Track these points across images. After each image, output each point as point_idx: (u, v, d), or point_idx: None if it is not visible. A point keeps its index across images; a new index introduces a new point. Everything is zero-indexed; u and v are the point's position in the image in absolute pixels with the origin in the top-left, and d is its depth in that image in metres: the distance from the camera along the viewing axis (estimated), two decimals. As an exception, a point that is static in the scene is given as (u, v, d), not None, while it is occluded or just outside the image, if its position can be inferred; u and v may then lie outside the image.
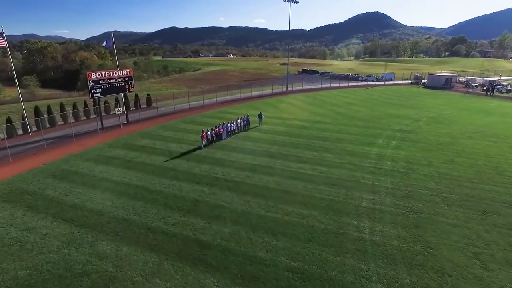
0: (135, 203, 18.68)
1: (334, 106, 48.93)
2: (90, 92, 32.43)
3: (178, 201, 18.96)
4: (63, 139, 31.47)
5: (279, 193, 19.98)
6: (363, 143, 30.17)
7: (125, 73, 35.91)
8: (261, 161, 25.42)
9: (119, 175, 22.57)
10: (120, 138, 31.67)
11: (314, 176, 22.58)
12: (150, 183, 21.39)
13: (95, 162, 25.17)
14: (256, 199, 19.25)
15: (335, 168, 24.17)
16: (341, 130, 34.70)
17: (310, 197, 19.57)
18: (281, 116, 41.72)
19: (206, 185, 21.04)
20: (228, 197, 19.43)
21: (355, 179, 22.20)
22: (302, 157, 26.43)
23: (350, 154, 27.25)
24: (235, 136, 32.18)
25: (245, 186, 20.97)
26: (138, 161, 25.29)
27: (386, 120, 39.78)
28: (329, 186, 21.04)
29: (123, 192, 20.00)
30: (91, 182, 21.46)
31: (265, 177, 22.29)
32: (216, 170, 23.56)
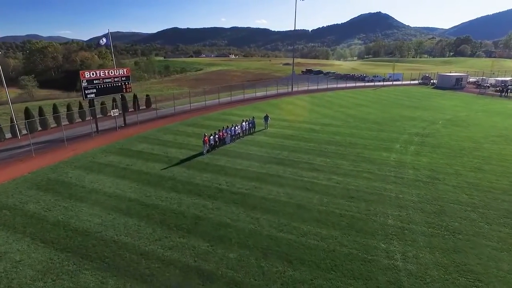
0: (127, 220, 16.25)
1: (343, 108, 46.40)
2: (83, 93, 30.05)
3: (177, 218, 16.53)
4: (54, 144, 29.11)
5: (292, 208, 17.51)
6: (380, 148, 27.66)
7: (122, 73, 33.55)
8: (270, 169, 22.96)
9: (111, 186, 20.16)
10: (116, 142, 29.29)
11: (330, 187, 20.11)
12: (145, 195, 18.96)
13: (86, 170, 22.77)
14: (266, 215, 16.80)
15: (351, 177, 21.70)
16: (354, 134, 32.19)
17: (327, 213, 17.09)
18: (288, 118, 39.25)
19: (208, 198, 18.60)
20: (233, 213, 16.98)
21: (376, 191, 19.71)
22: (314, 164, 23.96)
23: (367, 161, 24.76)
24: (240, 141, 29.74)
25: (252, 199, 18.52)
26: (134, 169, 22.89)
27: (401, 123, 37.23)
28: (347, 200, 18.55)
29: (115, 207, 17.58)
30: (79, 194, 19.05)
31: (275, 189, 19.83)
32: (219, 180, 21.11)
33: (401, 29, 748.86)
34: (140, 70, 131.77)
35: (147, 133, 32.37)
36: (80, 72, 29.87)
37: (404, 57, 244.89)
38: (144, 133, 32.37)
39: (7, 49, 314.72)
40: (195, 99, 50.06)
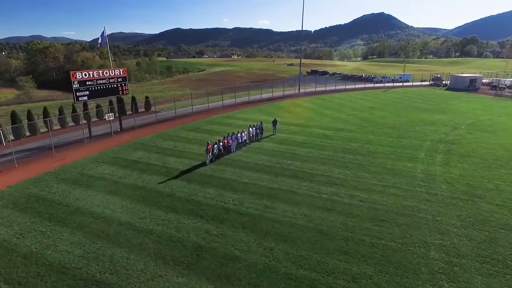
0: (115, 251, 13.42)
1: (355, 111, 43.45)
2: (74, 95, 27.27)
3: (174, 248, 13.68)
4: (41, 151, 26.39)
5: (312, 235, 14.63)
6: (403, 158, 24.73)
7: (118, 73, 30.76)
8: (282, 183, 20.08)
9: (99, 204, 17.35)
10: (110, 149, 26.52)
11: (354, 207, 17.22)
12: (138, 216, 16.14)
13: (73, 184, 19.98)
14: (282, 244, 13.93)
15: (377, 193, 18.80)
16: (372, 141, 29.25)
17: (355, 241, 14.20)
18: (297, 122, 36.36)
19: (212, 221, 15.75)
20: (242, 242, 14.12)
21: (409, 211, 16.81)
22: (332, 177, 21.07)
23: (391, 172, 21.85)
24: (247, 149, 26.90)
25: (264, 222, 15.66)
26: (127, 183, 20.08)
27: (420, 128, 34.24)
28: (377, 223, 15.66)
29: (101, 232, 14.77)
30: (61, 215, 16.25)
31: (289, 208, 16.96)
32: (225, 196, 18.26)
33: (404, 30, 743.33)
34: (142, 70, 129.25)
35: (144, 139, 29.58)
36: (71, 73, 27.10)
37: (409, 57, 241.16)
38: (141, 139, 29.59)
39: (10, 49, 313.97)
40: (198, 101, 47.34)
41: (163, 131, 32.23)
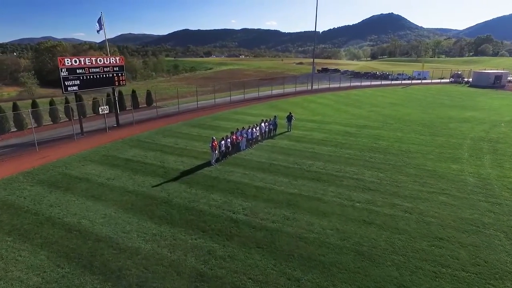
0: (83, 281, 9.87)
1: (376, 107, 39.48)
2: (63, 85, 23.95)
3: (165, 277, 10.06)
4: (23, 148, 23.10)
5: (350, 259, 10.90)
6: (444, 158, 20.81)
7: (114, 61, 27.44)
8: (303, 187, 16.37)
9: (77, 213, 13.86)
10: (101, 147, 23.12)
11: (398, 219, 13.42)
12: (123, 230, 12.58)
13: (50, 186, 16.55)
14: (311, 273, 10.23)
15: (423, 202, 14.97)
16: (402, 139, 25.33)
17: (411, 269, 10.42)
18: (314, 118, 32.61)
19: (218, 237, 12.11)
20: (258, 267, 10.46)
21: (472, 227, 12.94)
22: (363, 180, 17.29)
23: (434, 176, 17.98)
24: (259, 146, 23.26)
25: (285, 239, 11.97)
26: (115, 186, 16.58)
27: (454, 125, 30.16)
28: (434, 242, 11.85)
29: (71, 252, 11.23)
30: (25, 227, 12.78)
31: (316, 220, 13.24)
32: (234, 204, 14.62)
33: (414, 30, 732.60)
34: (149, 69, 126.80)
35: (142, 135, 26.17)
36: (59, 59, 23.85)
37: (420, 57, 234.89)
38: (138, 135, 26.19)
39: (21, 50, 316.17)
40: (204, 97, 43.96)
41: (164, 127, 28.81)
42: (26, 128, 27.95)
